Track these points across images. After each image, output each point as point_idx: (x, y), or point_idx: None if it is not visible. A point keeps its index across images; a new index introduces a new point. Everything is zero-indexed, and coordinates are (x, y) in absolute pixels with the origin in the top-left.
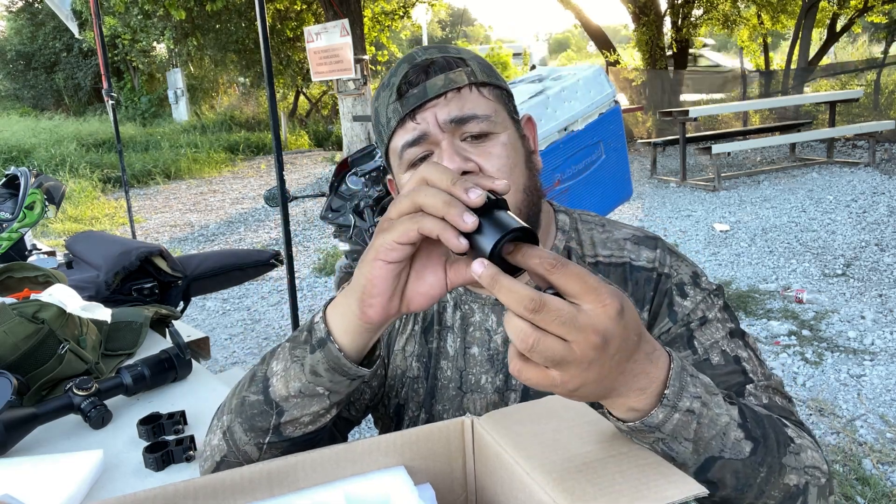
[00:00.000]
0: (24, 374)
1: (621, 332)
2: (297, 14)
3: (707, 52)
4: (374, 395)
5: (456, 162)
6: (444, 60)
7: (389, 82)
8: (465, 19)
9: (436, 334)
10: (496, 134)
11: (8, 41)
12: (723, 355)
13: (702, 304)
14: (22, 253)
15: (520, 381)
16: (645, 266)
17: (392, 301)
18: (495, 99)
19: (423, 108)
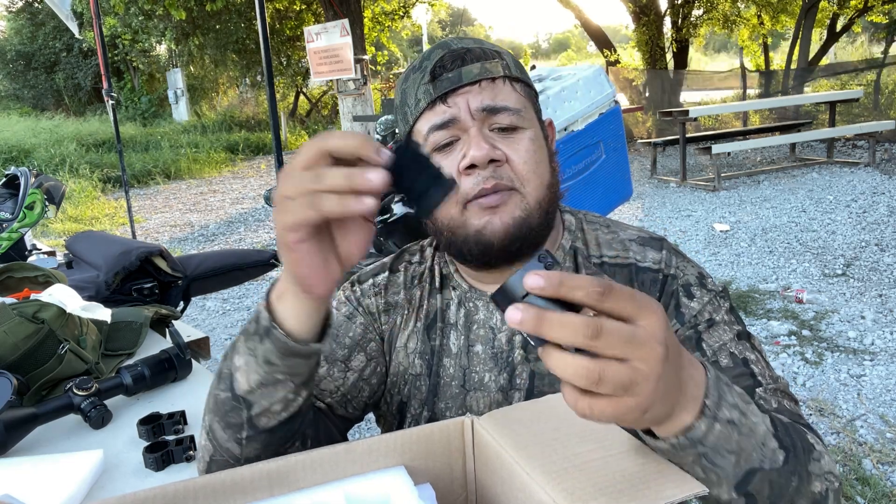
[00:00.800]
0: (24, 374)
1: (672, 337)
2: (296, 14)
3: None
4: (374, 393)
5: (484, 149)
6: (480, 50)
7: (422, 65)
8: (465, 19)
9: (439, 331)
10: (524, 129)
11: (8, 41)
12: (731, 358)
13: (708, 305)
14: (22, 253)
15: (593, 419)
16: (651, 267)
17: (328, 267)
18: (525, 96)
19: (456, 93)
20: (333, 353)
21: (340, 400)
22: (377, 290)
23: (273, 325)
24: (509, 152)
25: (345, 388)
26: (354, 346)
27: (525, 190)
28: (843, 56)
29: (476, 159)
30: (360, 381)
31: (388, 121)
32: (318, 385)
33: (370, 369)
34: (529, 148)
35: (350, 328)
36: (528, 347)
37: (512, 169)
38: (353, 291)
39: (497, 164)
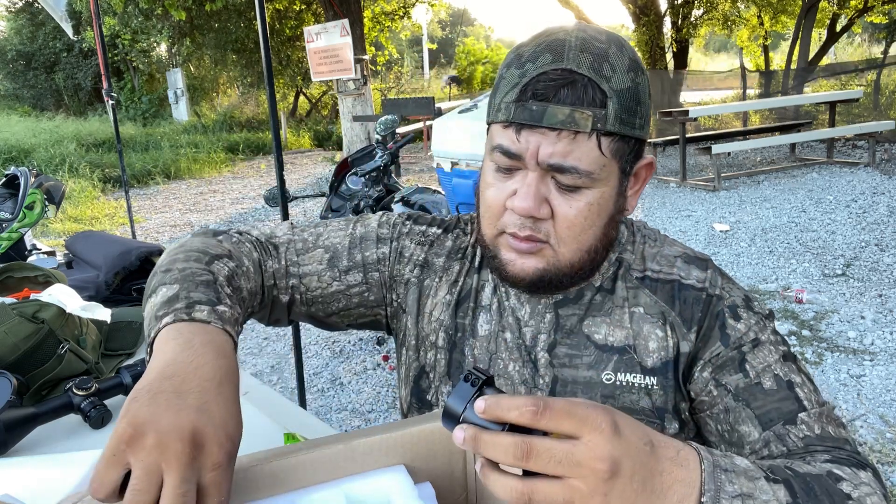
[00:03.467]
0: (23, 374)
1: (626, 449)
2: (296, 14)
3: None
4: (347, 312)
5: (528, 204)
6: (583, 87)
7: (524, 67)
8: (465, 19)
9: (469, 311)
10: (589, 189)
11: (8, 41)
12: (775, 380)
13: (755, 326)
14: (22, 253)
15: None
16: (694, 285)
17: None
18: (612, 153)
19: (532, 130)
20: (339, 258)
21: (311, 298)
22: (423, 240)
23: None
24: (559, 210)
25: (323, 293)
26: (359, 266)
27: (559, 248)
28: (843, 56)
29: (519, 210)
30: (341, 294)
31: (388, 121)
32: (303, 276)
33: (357, 290)
34: (582, 212)
35: (370, 248)
36: (552, 351)
37: (554, 226)
38: (403, 224)
39: (539, 219)
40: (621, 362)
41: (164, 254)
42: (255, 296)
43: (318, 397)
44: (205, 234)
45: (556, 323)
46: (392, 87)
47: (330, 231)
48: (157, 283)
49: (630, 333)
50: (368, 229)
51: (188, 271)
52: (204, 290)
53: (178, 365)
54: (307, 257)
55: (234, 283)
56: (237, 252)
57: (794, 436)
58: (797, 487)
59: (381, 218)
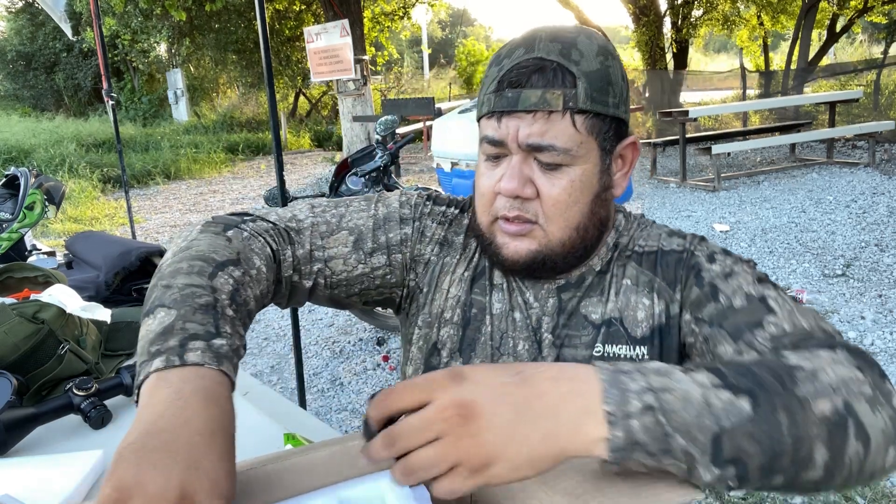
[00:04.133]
0: (24, 375)
1: (477, 388)
2: (296, 14)
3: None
4: (368, 293)
5: (514, 184)
6: (552, 70)
7: (501, 63)
8: (465, 19)
9: (485, 288)
10: (570, 167)
11: (8, 41)
12: (746, 298)
13: (731, 265)
14: (22, 253)
15: (455, 496)
16: (675, 249)
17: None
18: (587, 130)
19: (511, 116)
20: (363, 240)
21: (336, 281)
22: (443, 220)
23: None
24: (543, 189)
25: (348, 276)
26: (384, 247)
27: (547, 228)
28: (843, 56)
29: (504, 191)
30: (365, 276)
31: (388, 121)
32: (328, 260)
33: (381, 272)
34: (566, 189)
35: (393, 230)
36: (555, 332)
37: (541, 205)
38: (424, 204)
39: (525, 198)
40: (608, 334)
41: (170, 252)
42: (266, 296)
43: (318, 397)
44: (215, 228)
45: (558, 306)
46: (392, 88)
47: (352, 212)
48: (156, 301)
49: (616, 306)
50: (391, 209)
51: (188, 290)
52: (202, 318)
53: (167, 419)
54: (332, 240)
55: (238, 298)
56: (247, 252)
57: (760, 338)
58: (726, 370)
59: (402, 198)
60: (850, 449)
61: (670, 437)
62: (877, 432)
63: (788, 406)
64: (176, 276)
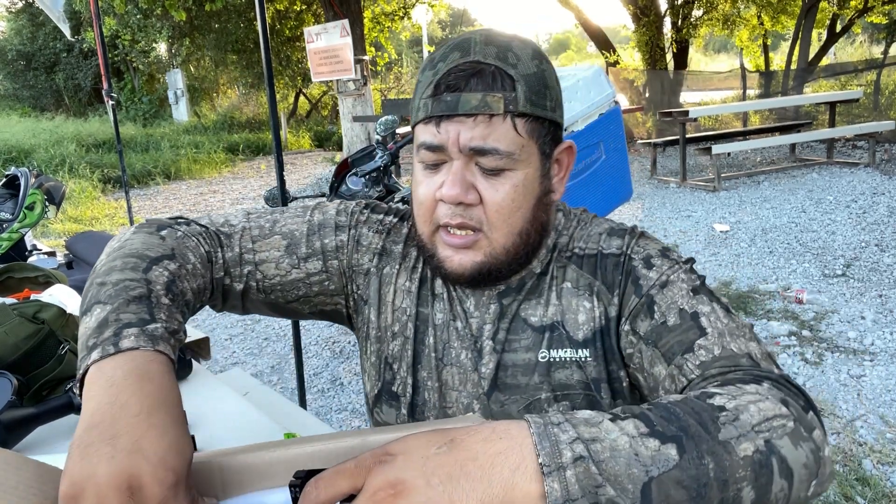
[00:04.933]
0: (24, 375)
1: (405, 464)
2: (296, 14)
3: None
4: (307, 300)
5: (455, 191)
6: (491, 74)
7: (435, 67)
8: (465, 19)
9: (427, 299)
10: (512, 171)
11: (8, 41)
12: (679, 314)
13: (667, 271)
14: (22, 253)
15: None
16: (614, 252)
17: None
18: (528, 133)
19: (450, 120)
20: (297, 245)
21: (269, 286)
22: (380, 228)
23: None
24: (486, 195)
25: (282, 280)
26: (318, 253)
27: (492, 235)
28: (843, 56)
29: (447, 198)
30: (301, 282)
31: (388, 121)
32: (259, 264)
33: (317, 278)
34: (509, 193)
35: (328, 236)
36: (495, 338)
37: (484, 211)
38: (360, 213)
39: (469, 205)
40: (552, 339)
41: (104, 253)
42: (204, 292)
43: (318, 397)
44: (149, 228)
45: (499, 312)
46: (392, 88)
47: (287, 217)
48: (91, 299)
49: (558, 310)
50: (327, 216)
51: (122, 285)
52: (136, 308)
53: (103, 409)
54: (263, 244)
55: (174, 289)
56: (181, 249)
57: (690, 364)
58: (653, 416)
59: (339, 206)
60: (775, 486)
61: (601, 488)
62: (799, 467)
63: (713, 450)
64: (110, 274)
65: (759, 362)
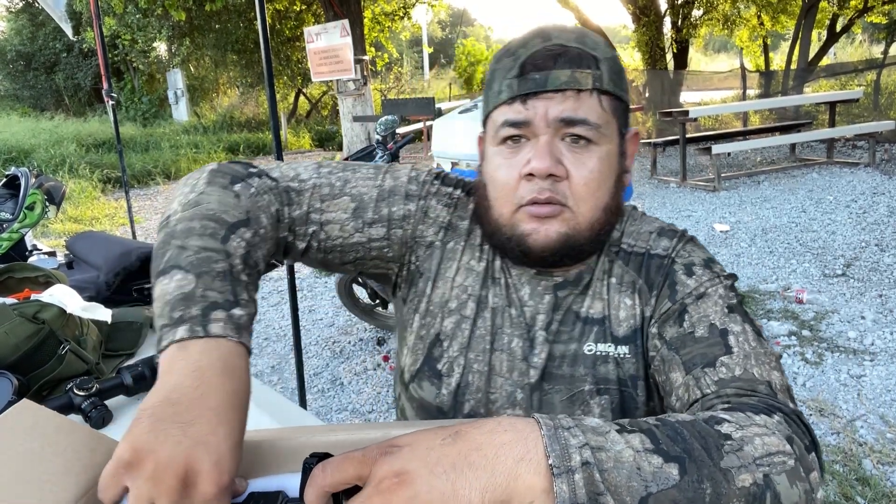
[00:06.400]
0: (24, 375)
1: (410, 454)
2: (296, 14)
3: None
4: (361, 263)
5: (546, 163)
6: (577, 53)
7: (516, 53)
8: (465, 19)
9: (488, 282)
10: (597, 145)
11: (8, 41)
12: (709, 329)
13: (706, 282)
14: (22, 253)
15: None
16: (660, 254)
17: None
18: (611, 111)
19: (538, 97)
20: (364, 210)
21: (330, 246)
22: (449, 202)
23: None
24: (573, 169)
25: (343, 242)
26: (385, 220)
27: (578, 209)
28: (843, 56)
29: (536, 171)
30: (361, 245)
31: (388, 121)
32: (325, 224)
33: (377, 244)
34: (595, 167)
35: (397, 204)
36: (548, 329)
37: (570, 186)
38: (431, 183)
39: (557, 178)
40: (599, 333)
41: (177, 202)
42: (272, 254)
43: (318, 397)
44: (223, 179)
45: (553, 304)
46: (392, 88)
47: (359, 178)
48: (171, 261)
49: (606, 304)
50: (398, 183)
51: (204, 255)
52: (220, 286)
53: (184, 390)
54: (332, 204)
55: (250, 261)
56: (255, 211)
57: (708, 379)
58: (660, 434)
59: (411, 173)
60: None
61: (602, 496)
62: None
63: (713, 476)
64: (189, 237)
65: (777, 393)
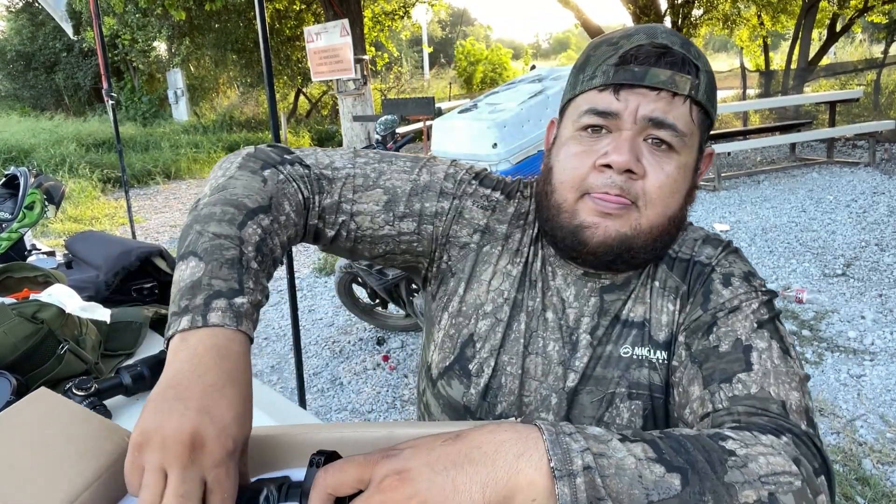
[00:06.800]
0: (23, 375)
1: (412, 454)
2: (296, 14)
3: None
4: (391, 255)
5: (626, 157)
6: (681, 57)
7: (618, 42)
8: (465, 19)
9: (525, 286)
10: (678, 154)
11: (8, 41)
12: (734, 344)
13: (742, 295)
14: (22, 253)
15: None
16: (703, 261)
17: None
18: (698, 123)
19: (632, 90)
20: (397, 203)
21: (359, 236)
22: (486, 204)
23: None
24: (650, 170)
25: (374, 233)
26: (416, 214)
27: (645, 211)
28: (843, 56)
29: (615, 163)
30: (390, 238)
31: (388, 120)
32: (356, 214)
33: (407, 238)
34: (672, 174)
35: (430, 200)
36: (594, 333)
37: (644, 186)
38: (469, 183)
39: (632, 176)
40: (638, 336)
41: (209, 184)
42: (294, 239)
43: (318, 397)
44: (254, 163)
45: (599, 307)
46: (392, 87)
47: (394, 171)
48: (189, 246)
49: (647, 308)
50: (434, 178)
51: (217, 242)
52: (227, 274)
53: (183, 374)
54: (364, 195)
55: (264, 248)
56: (279, 198)
57: (722, 394)
58: (663, 444)
59: (449, 169)
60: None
61: (603, 501)
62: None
63: (716, 490)
64: (209, 223)
65: (790, 413)
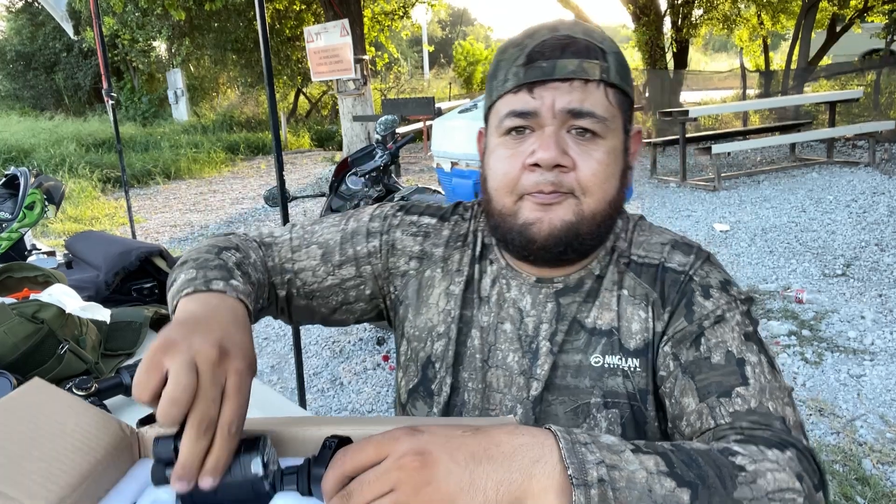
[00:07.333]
0: (23, 375)
1: (432, 439)
2: (296, 14)
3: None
4: (347, 305)
5: (552, 153)
6: (585, 45)
7: (522, 42)
8: (465, 19)
9: (473, 302)
10: (603, 139)
11: (8, 41)
12: (726, 356)
13: (724, 305)
14: (22, 253)
15: None
16: (675, 268)
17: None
18: (617, 105)
19: (545, 86)
20: (332, 254)
21: (308, 292)
22: (417, 231)
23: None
24: (579, 161)
25: (319, 286)
26: (351, 260)
27: (584, 199)
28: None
29: (542, 161)
30: (337, 287)
31: (387, 120)
32: (298, 272)
33: (352, 283)
34: (602, 160)
35: (360, 243)
36: (553, 339)
37: (577, 177)
38: (394, 217)
39: (563, 169)
40: (608, 345)
41: (180, 260)
42: (263, 286)
43: (318, 397)
44: (213, 236)
45: (557, 311)
46: (392, 87)
47: (324, 227)
48: (176, 276)
49: (615, 316)
50: (360, 224)
51: (201, 260)
52: (218, 272)
53: (196, 314)
54: (302, 253)
55: (243, 269)
56: (244, 247)
57: (724, 409)
58: (675, 458)
59: (374, 211)
60: None
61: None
62: None
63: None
64: (187, 261)
65: (791, 429)
